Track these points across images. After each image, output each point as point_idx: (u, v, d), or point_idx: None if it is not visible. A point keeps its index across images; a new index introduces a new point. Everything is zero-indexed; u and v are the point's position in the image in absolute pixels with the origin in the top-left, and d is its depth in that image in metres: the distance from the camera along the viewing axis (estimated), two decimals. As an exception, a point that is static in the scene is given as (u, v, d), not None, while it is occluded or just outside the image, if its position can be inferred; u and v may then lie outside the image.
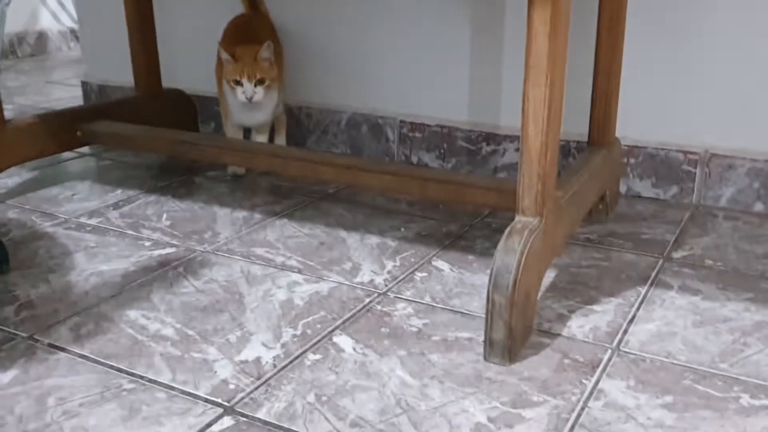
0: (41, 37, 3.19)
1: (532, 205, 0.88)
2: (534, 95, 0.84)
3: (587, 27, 1.31)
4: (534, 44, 0.82)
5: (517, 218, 0.89)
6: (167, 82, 1.73)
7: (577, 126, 1.41)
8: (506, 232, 0.87)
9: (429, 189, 1.18)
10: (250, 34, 1.48)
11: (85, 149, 1.70)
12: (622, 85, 1.35)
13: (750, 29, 1.26)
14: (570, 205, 1.01)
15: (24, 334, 0.93)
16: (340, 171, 1.24)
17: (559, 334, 0.92)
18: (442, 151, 1.60)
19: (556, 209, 0.93)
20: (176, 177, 1.53)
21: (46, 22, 3.21)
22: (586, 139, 1.25)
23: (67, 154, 1.67)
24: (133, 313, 0.98)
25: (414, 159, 1.63)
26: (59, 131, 1.45)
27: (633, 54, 1.34)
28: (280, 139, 1.62)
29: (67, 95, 2.37)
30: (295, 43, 1.69)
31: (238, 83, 1.37)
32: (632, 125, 1.38)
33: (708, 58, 1.30)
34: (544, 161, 0.87)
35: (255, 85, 1.37)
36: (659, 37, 1.33)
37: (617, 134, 1.29)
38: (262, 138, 1.52)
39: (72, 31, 3.31)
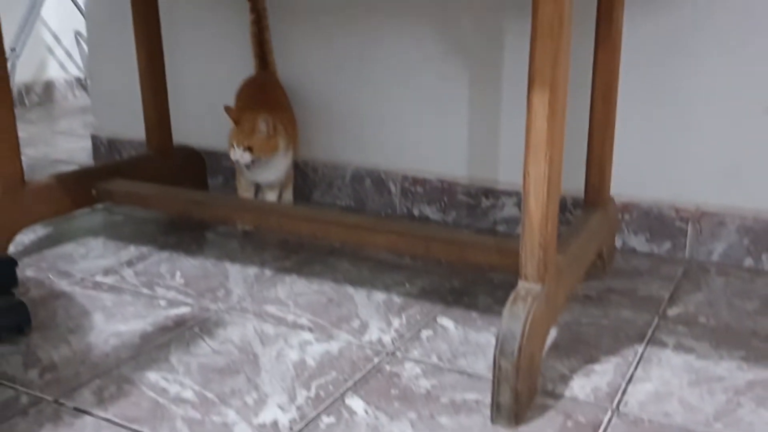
0: (48, 86, 3.27)
1: (535, 272, 0.94)
2: (534, 172, 0.90)
3: (582, 85, 1.38)
4: (533, 125, 0.88)
5: (520, 284, 0.94)
6: (175, 135, 1.78)
7: (572, 182, 1.47)
8: (511, 298, 0.92)
9: (433, 248, 1.23)
10: (261, 97, 1.55)
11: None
12: (616, 144, 1.42)
13: (736, 92, 1.32)
14: (570, 268, 1.06)
15: (49, 398, 0.97)
16: (348, 230, 1.29)
17: (562, 395, 0.96)
18: (442, 204, 1.65)
19: (557, 274, 0.98)
20: (187, 232, 1.59)
21: (53, 71, 3.29)
22: (580, 193, 1.31)
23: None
24: (153, 375, 1.02)
25: (416, 212, 1.69)
26: (75, 190, 1.50)
27: (627, 116, 1.41)
28: (288, 194, 1.68)
29: (76, 146, 2.43)
30: (302, 101, 1.75)
31: (232, 146, 1.45)
32: (626, 183, 1.44)
33: (698, 121, 1.37)
34: (545, 231, 0.92)
35: (244, 150, 1.44)
36: (651, 100, 1.40)
37: (612, 191, 1.35)
38: (272, 194, 1.57)
39: (78, 79, 3.39)
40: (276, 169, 1.52)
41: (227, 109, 1.48)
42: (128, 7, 1.63)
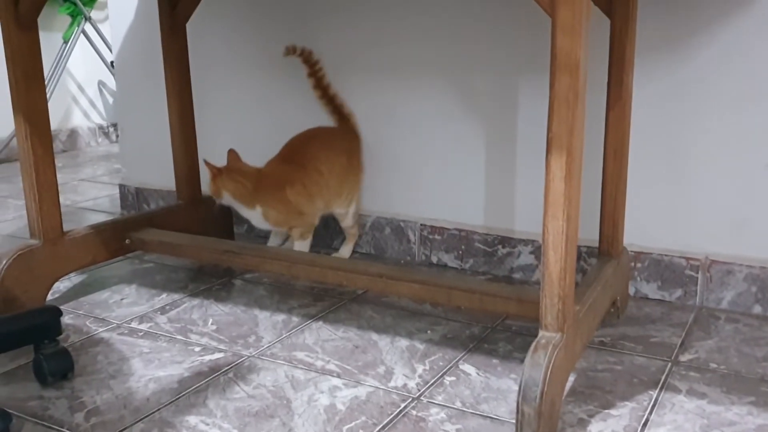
0: (72, 134, 3.38)
1: (554, 322, 1.00)
2: (553, 228, 0.97)
3: (596, 143, 1.45)
4: (552, 185, 0.95)
5: (541, 333, 1.01)
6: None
7: (587, 233, 1.53)
8: (532, 346, 0.98)
9: (454, 297, 1.30)
10: (290, 150, 1.66)
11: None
12: (628, 198, 1.48)
13: (739, 149, 1.40)
14: (587, 317, 1.12)
15: (97, 441, 1.03)
16: (372, 280, 1.36)
17: (580, 439, 1.02)
18: (460, 252, 1.72)
19: (575, 323, 1.04)
20: (216, 279, 1.65)
21: (77, 120, 3.41)
22: (594, 242, 1.37)
23: (110, 257, 1.79)
24: (192, 419, 1.08)
25: (434, 259, 1.75)
26: (111, 240, 1.57)
27: (638, 171, 1.48)
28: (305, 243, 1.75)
29: (101, 193, 2.52)
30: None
31: None
32: (638, 233, 1.50)
33: (705, 176, 1.44)
34: (564, 283, 0.99)
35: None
36: (661, 157, 1.47)
37: (625, 242, 1.42)
38: (299, 244, 1.65)
39: (100, 127, 3.50)
40: (255, 219, 1.63)
41: (228, 152, 1.62)
42: (157, 61, 1.73)
